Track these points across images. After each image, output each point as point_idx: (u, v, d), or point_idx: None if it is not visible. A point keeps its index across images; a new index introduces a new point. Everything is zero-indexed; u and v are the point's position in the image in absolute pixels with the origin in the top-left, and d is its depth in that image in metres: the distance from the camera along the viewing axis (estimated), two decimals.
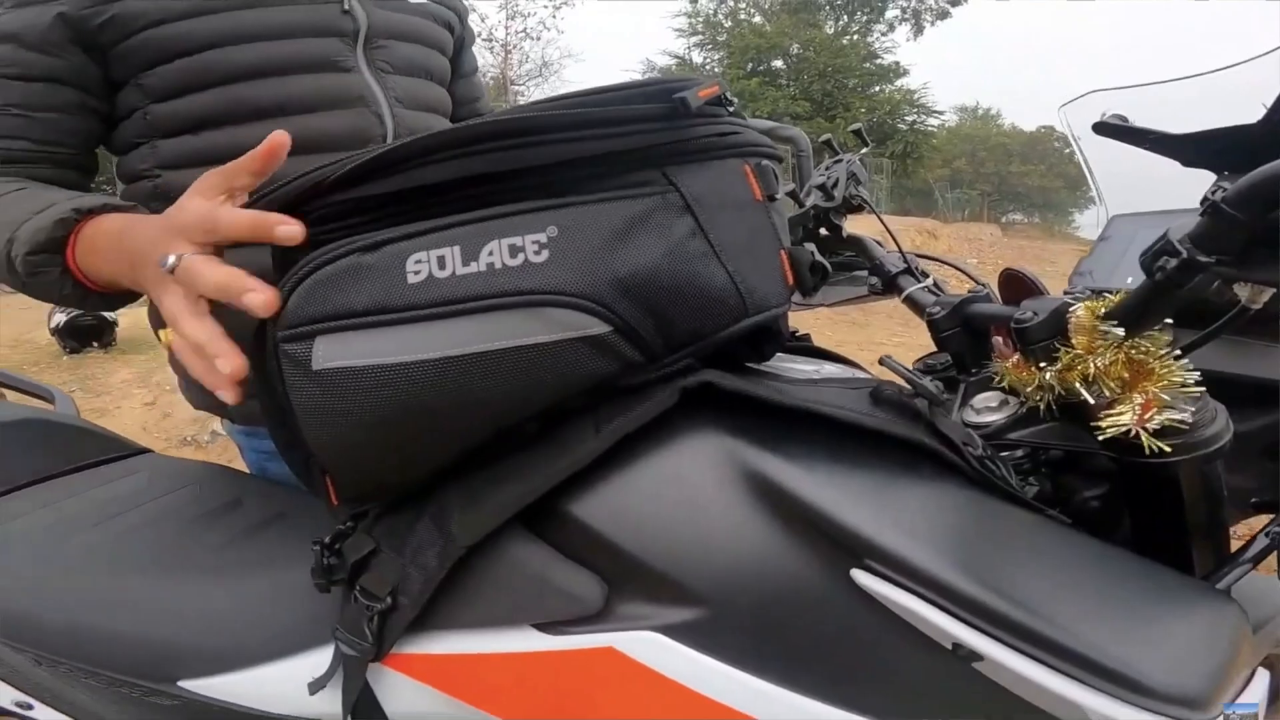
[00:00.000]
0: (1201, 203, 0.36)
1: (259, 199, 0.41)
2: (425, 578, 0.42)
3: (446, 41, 0.85)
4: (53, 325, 4.65)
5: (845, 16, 25.06)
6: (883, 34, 24.83)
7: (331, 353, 0.36)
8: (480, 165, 0.37)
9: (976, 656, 0.36)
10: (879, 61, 23.71)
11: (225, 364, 0.39)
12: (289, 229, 0.37)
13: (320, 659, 0.52)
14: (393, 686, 0.51)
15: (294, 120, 0.65)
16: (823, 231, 0.72)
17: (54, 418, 0.86)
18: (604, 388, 0.40)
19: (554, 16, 16.73)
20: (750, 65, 23.19)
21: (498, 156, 0.37)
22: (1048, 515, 0.42)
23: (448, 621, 0.46)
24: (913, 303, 0.60)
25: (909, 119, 23.38)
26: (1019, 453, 0.48)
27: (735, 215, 0.42)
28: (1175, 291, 0.37)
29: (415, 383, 0.37)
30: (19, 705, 0.67)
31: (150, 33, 0.64)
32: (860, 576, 0.38)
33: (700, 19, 24.68)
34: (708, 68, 25.13)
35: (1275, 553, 0.47)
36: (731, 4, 24.34)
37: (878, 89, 23.54)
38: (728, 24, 24.54)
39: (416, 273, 0.36)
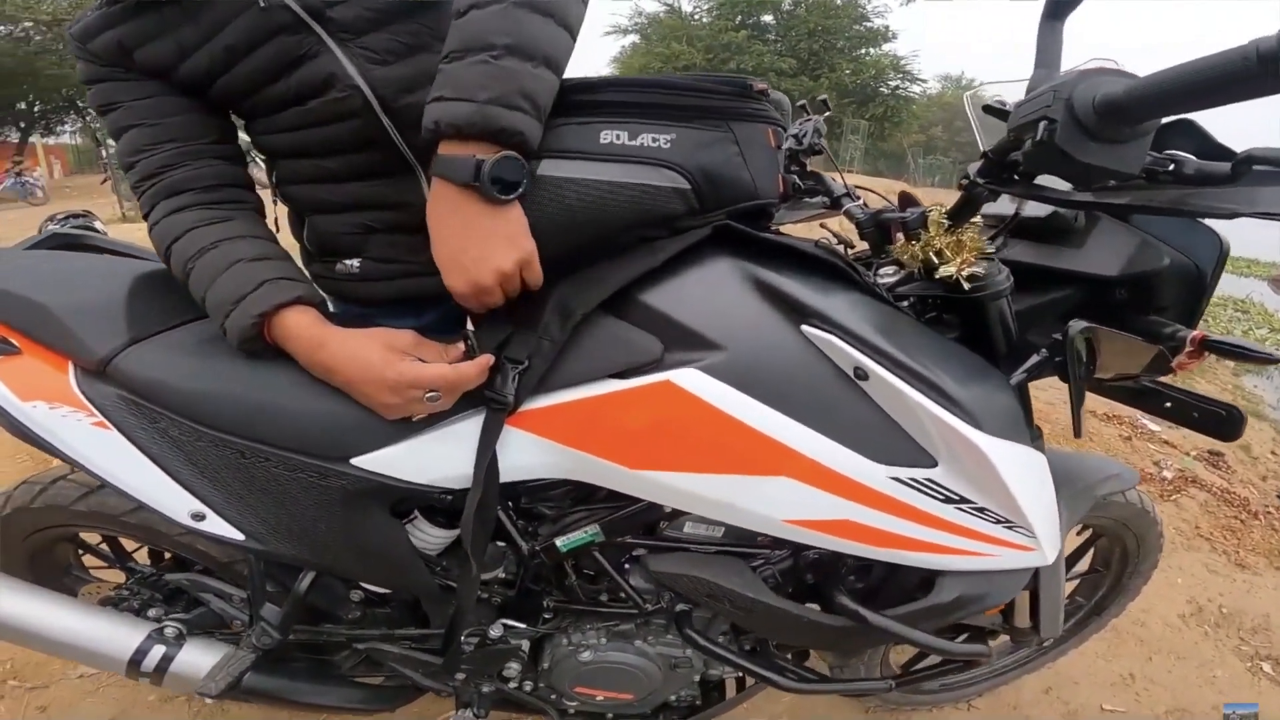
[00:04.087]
0: (983, 155, 0.67)
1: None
2: (552, 343, 0.66)
3: None
4: None
5: None
6: None
7: (548, 168, 0.64)
8: (640, 97, 0.65)
9: (864, 376, 0.65)
10: (869, 24, 23.46)
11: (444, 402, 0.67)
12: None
13: (455, 429, 0.70)
14: (512, 443, 0.69)
15: (289, 114, 0.76)
16: (794, 167, 1.01)
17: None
18: (669, 225, 0.68)
19: None
20: (739, 18, 22.82)
21: (653, 93, 0.65)
22: (910, 316, 0.73)
23: (556, 382, 0.67)
24: (849, 214, 0.90)
25: (892, 84, 23.29)
26: (906, 302, 0.79)
27: (759, 151, 0.71)
28: (975, 199, 0.68)
29: (588, 190, 0.64)
30: (194, 516, 0.74)
31: (173, 75, 0.73)
32: (806, 329, 0.66)
33: None
34: (696, 17, 24.67)
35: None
36: None
37: (864, 52, 23.35)
38: None
39: (604, 139, 0.64)
